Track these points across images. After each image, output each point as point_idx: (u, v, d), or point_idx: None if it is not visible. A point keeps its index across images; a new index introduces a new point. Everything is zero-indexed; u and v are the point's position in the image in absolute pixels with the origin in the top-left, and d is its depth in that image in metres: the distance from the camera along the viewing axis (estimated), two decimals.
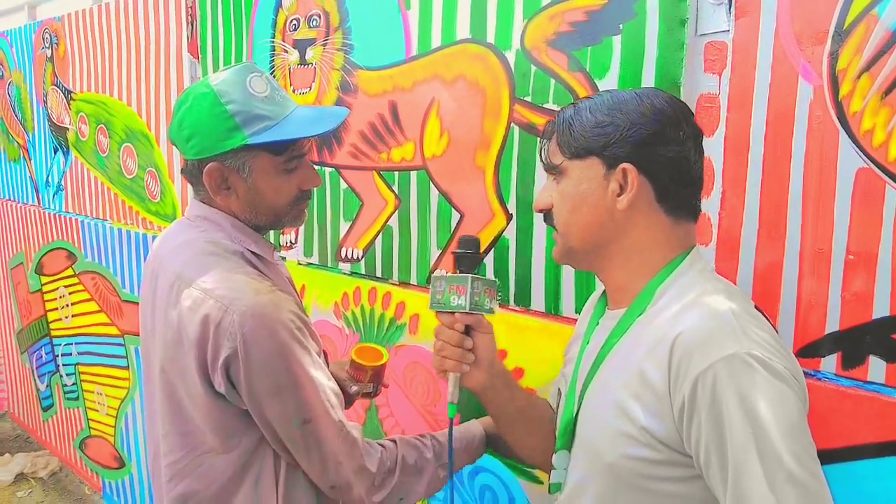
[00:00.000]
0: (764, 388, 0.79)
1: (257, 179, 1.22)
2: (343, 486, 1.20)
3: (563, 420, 1.05)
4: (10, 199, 3.84)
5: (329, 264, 2.00)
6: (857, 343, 1.11)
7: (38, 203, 3.55)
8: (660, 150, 0.96)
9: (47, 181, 3.44)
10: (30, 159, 3.57)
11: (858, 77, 1.07)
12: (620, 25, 1.31)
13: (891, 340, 1.08)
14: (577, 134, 0.99)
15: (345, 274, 1.95)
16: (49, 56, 3.23)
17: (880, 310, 1.08)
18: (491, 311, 1.15)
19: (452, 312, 1.13)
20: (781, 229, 1.16)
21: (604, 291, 1.09)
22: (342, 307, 1.95)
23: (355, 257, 1.92)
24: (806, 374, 1.14)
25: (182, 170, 1.29)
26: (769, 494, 0.76)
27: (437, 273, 1.19)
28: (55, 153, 3.33)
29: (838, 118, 1.09)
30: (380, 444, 1.26)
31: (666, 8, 1.25)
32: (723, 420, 0.80)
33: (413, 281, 1.78)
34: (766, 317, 0.94)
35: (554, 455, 1.05)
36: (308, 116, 1.25)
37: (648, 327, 0.92)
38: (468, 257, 1.17)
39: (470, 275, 1.13)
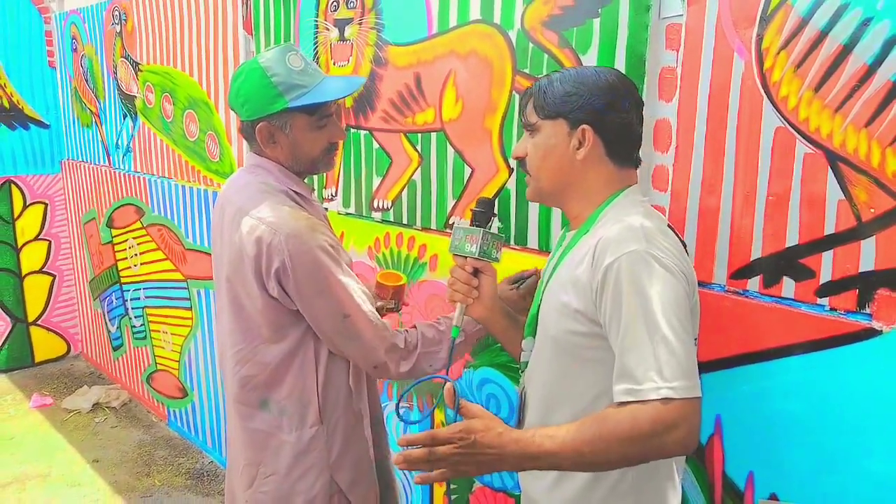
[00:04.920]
0: (653, 276, 1.10)
1: (297, 135, 1.56)
2: (381, 365, 1.54)
3: (531, 313, 1.37)
4: (83, 161, 4.27)
5: (364, 213, 2.33)
6: (774, 267, 1.39)
7: (109, 164, 3.97)
8: (610, 116, 1.25)
9: (117, 144, 3.85)
10: (101, 125, 3.99)
11: (778, 54, 1.34)
12: (599, 10, 1.59)
13: (799, 264, 1.36)
14: (549, 100, 1.27)
15: (377, 222, 2.28)
16: (118, 31, 3.61)
17: (791, 239, 1.36)
18: (497, 259, 1.46)
19: (465, 256, 1.44)
20: (720, 177, 1.45)
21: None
22: (374, 250, 2.29)
23: (385, 207, 2.25)
24: (735, 292, 1.45)
25: (239, 129, 1.64)
26: (647, 345, 1.07)
27: (458, 223, 1.50)
28: (124, 119, 3.72)
29: (763, 87, 1.37)
30: (405, 330, 1.59)
31: None
32: (621, 296, 1.10)
33: (433, 226, 2.10)
34: (677, 235, 1.25)
35: (523, 341, 1.38)
36: (333, 84, 1.60)
37: (588, 240, 1.23)
38: (482, 214, 1.45)
39: (482, 229, 1.43)
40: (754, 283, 1.43)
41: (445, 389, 1.21)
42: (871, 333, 1.27)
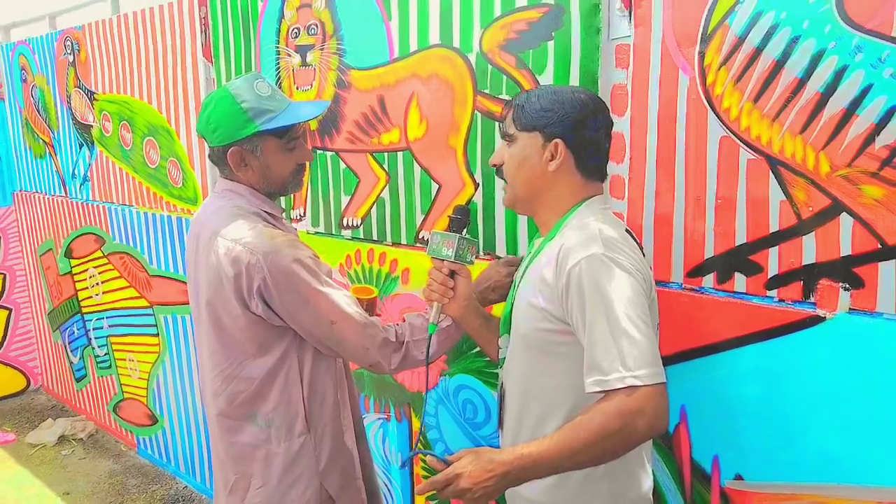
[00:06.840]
0: (611, 275, 1.21)
1: (267, 157, 1.63)
2: (375, 364, 1.61)
3: (504, 313, 1.48)
4: (37, 192, 4.22)
5: (334, 232, 2.40)
6: (726, 264, 1.51)
7: (66, 194, 3.93)
8: (581, 132, 1.36)
9: (73, 174, 3.82)
10: (55, 155, 3.95)
11: (719, 69, 1.46)
12: (553, 33, 1.70)
13: (748, 261, 1.48)
14: (527, 114, 1.38)
15: (347, 239, 2.35)
16: (71, 61, 3.60)
17: (740, 238, 1.49)
18: (471, 262, 1.59)
19: (442, 259, 1.55)
20: (671, 183, 1.56)
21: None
22: (346, 267, 2.36)
23: (355, 225, 2.32)
24: (692, 290, 1.56)
25: (209, 156, 1.70)
26: (611, 340, 1.17)
27: (435, 229, 1.61)
28: (80, 148, 3.70)
29: (707, 100, 1.49)
30: (395, 325, 1.65)
31: (585, 19, 1.64)
32: (584, 296, 1.21)
33: (403, 241, 2.18)
34: (634, 238, 1.37)
35: (500, 338, 1.49)
36: (300, 108, 1.68)
37: (553, 245, 1.33)
38: (458, 221, 1.59)
39: (458, 234, 1.56)
40: (709, 280, 1.55)
41: (429, 462, 1.26)
42: (816, 320, 1.40)
